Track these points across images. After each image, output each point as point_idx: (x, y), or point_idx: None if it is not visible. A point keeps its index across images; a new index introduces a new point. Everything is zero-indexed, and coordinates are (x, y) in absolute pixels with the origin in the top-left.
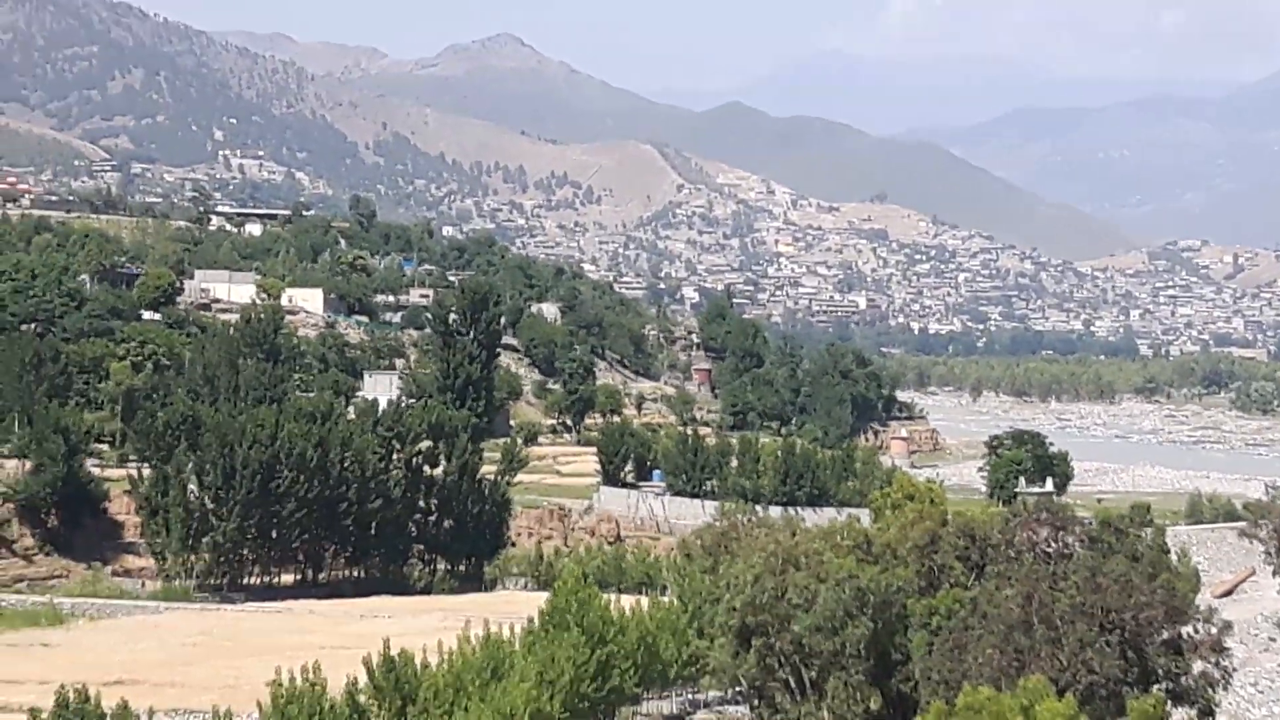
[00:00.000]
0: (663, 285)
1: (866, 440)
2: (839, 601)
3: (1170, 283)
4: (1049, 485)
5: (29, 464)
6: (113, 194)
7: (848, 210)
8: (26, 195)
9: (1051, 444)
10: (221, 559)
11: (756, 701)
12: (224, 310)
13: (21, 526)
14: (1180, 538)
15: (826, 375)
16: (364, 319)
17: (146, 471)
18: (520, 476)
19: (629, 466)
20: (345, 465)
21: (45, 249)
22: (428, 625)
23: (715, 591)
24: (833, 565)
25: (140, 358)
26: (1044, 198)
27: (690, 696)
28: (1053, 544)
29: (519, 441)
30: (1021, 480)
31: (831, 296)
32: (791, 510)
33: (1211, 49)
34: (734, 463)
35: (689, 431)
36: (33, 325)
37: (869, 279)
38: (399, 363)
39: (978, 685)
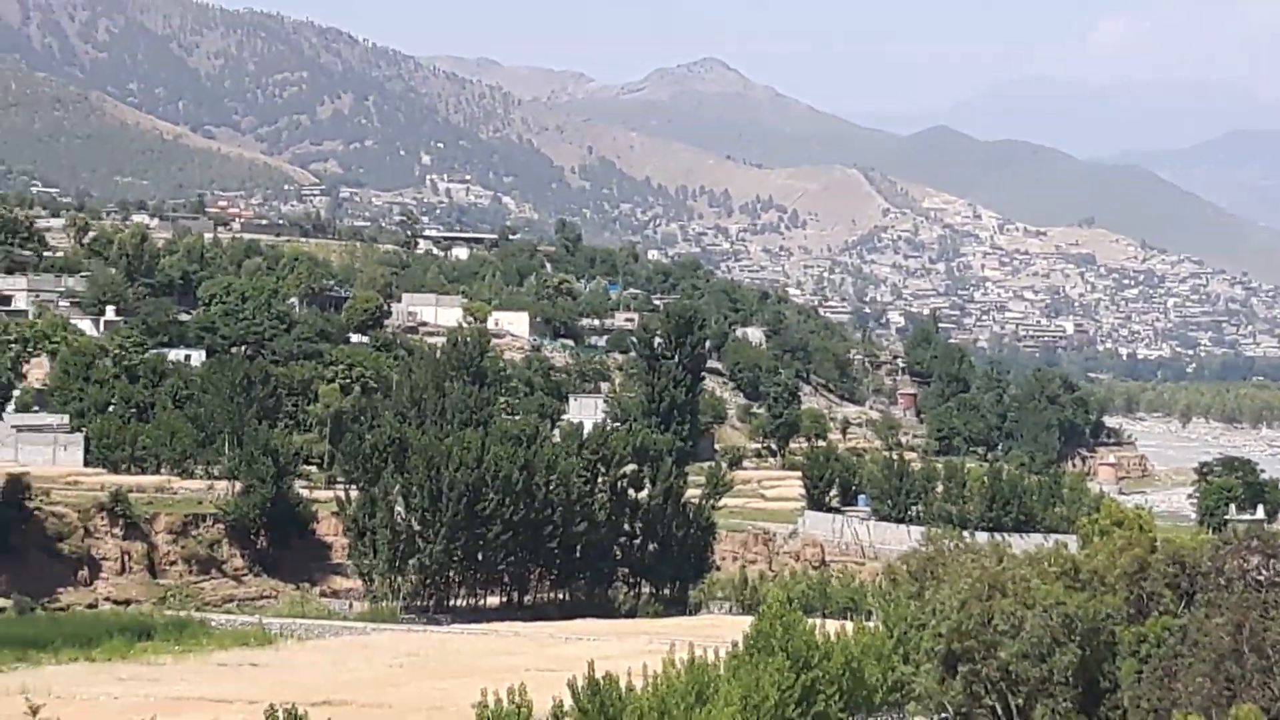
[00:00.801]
0: (868, 309)
1: (1074, 466)
2: (1046, 628)
3: None
4: (1260, 513)
5: (239, 485)
6: (321, 218)
7: (1055, 234)
8: (237, 219)
9: (1263, 471)
10: (428, 581)
11: None
12: (431, 333)
13: (231, 547)
14: None
15: (1033, 400)
16: (569, 342)
17: (354, 493)
18: (725, 500)
19: (834, 491)
20: (550, 488)
21: (255, 272)
22: (632, 648)
23: (921, 617)
24: (1040, 591)
25: (348, 380)
26: (1255, 222)
27: None
28: (1264, 572)
29: (723, 465)
30: (1232, 507)
31: (1038, 321)
32: (998, 536)
33: None
34: (939, 488)
35: (894, 456)
36: (243, 348)
37: (1076, 304)
38: (604, 386)
39: (1188, 714)
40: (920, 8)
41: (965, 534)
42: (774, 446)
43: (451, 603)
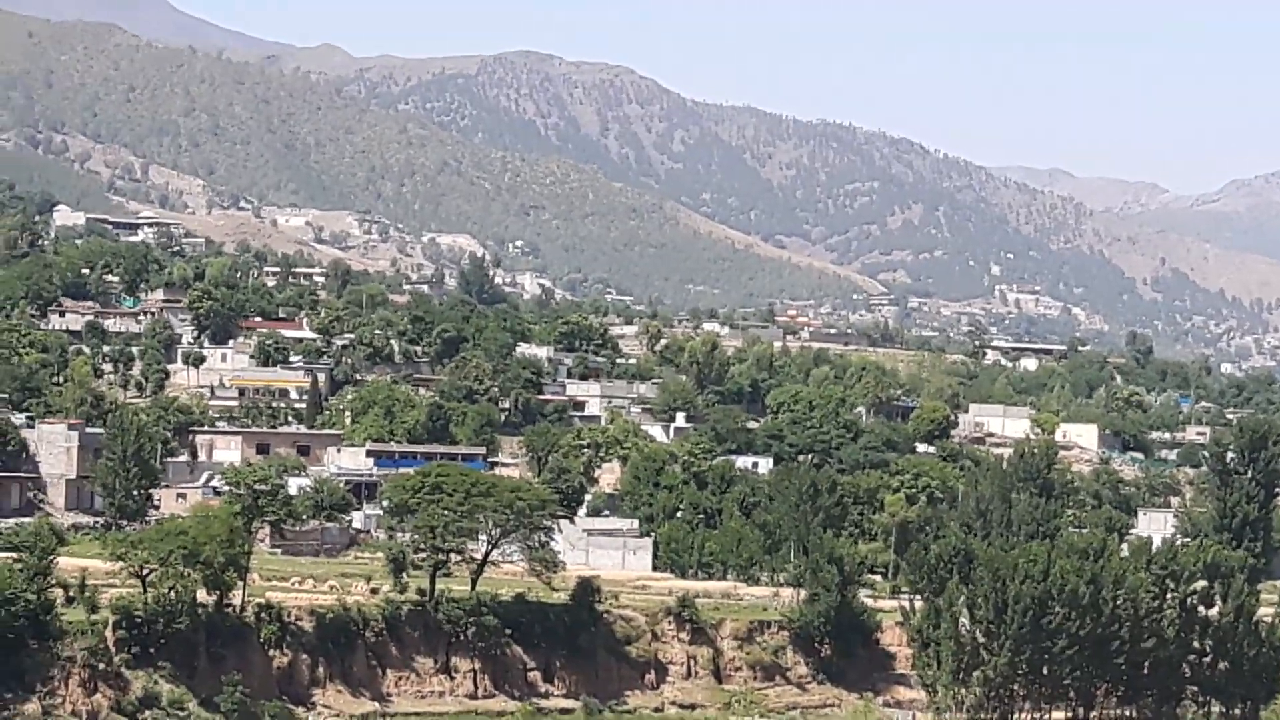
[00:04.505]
0: None
1: None
2: None
3: None
4: None
5: (804, 593)
6: (890, 327)
7: None
8: (806, 328)
9: None
10: (992, 694)
11: None
12: (997, 444)
13: (795, 654)
14: None
15: None
16: (1139, 455)
17: (919, 604)
18: None
19: None
20: (1118, 603)
21: (823, 381)
22: None
23: None
24: None
25: (914, 490)
26: None
27: None
28: None
29: None
30: None
31: None
32: None
33: None
34: None
35: None
36: (810, 455)
37: None
38: (1174, 501)
39: None
40: None
41: None
42: None
43: (1015, 716)
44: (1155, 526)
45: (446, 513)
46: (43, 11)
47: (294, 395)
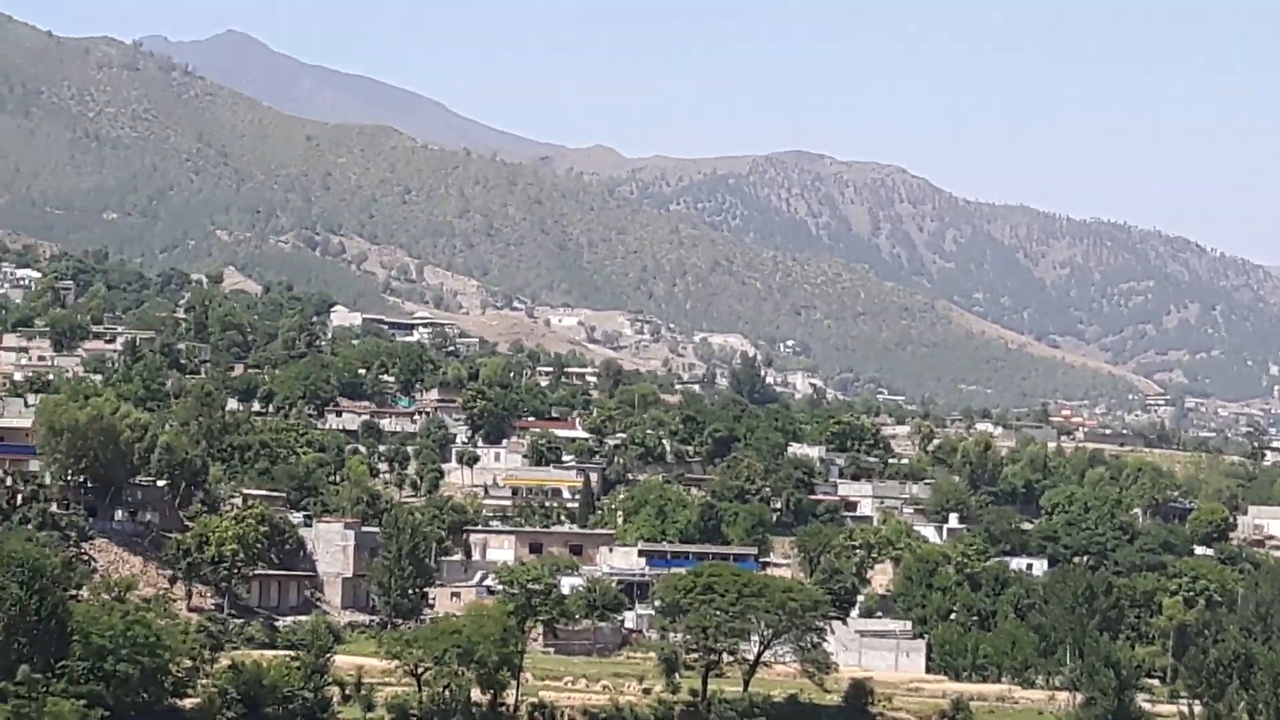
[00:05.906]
0: None
1: None
2: None
3: None
4: None
5: (1080, 697)
6: (1165, 428)
7: None
8: (1081, 428)
9: None
10: None
11: None
12: (1277, 547)
13: None
14: None
15: None
16: None
17: (1198, 708)
18: None
19: None
20: None
21: (1098, 482)
22: None
23: None
24: None
25: (1192, 593)
26: None
27: None
28: None
29: None
30: None
31: None
32: None
33: None
34: None
35: None
36: (1084, 558)
37: None
38: None
39: None
40: None
41: None
42: None
43: None
44: None
45: (719, 613)
46: (321, 115)
47: (566, 495)
